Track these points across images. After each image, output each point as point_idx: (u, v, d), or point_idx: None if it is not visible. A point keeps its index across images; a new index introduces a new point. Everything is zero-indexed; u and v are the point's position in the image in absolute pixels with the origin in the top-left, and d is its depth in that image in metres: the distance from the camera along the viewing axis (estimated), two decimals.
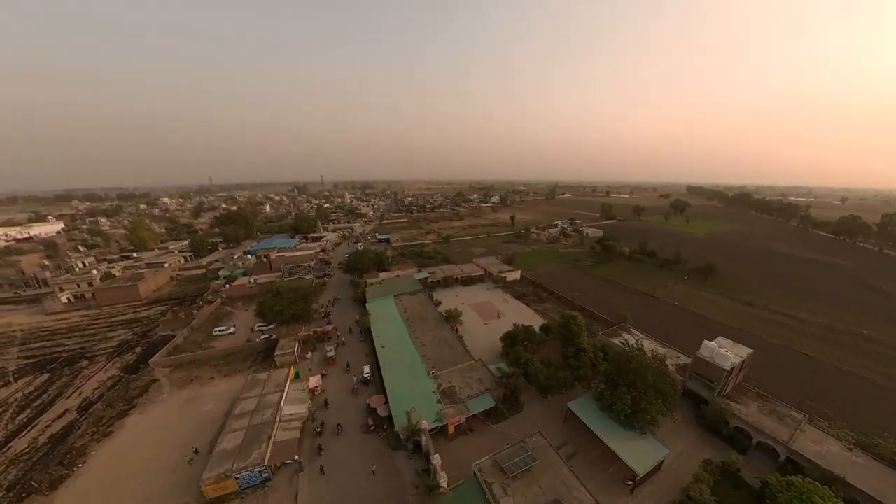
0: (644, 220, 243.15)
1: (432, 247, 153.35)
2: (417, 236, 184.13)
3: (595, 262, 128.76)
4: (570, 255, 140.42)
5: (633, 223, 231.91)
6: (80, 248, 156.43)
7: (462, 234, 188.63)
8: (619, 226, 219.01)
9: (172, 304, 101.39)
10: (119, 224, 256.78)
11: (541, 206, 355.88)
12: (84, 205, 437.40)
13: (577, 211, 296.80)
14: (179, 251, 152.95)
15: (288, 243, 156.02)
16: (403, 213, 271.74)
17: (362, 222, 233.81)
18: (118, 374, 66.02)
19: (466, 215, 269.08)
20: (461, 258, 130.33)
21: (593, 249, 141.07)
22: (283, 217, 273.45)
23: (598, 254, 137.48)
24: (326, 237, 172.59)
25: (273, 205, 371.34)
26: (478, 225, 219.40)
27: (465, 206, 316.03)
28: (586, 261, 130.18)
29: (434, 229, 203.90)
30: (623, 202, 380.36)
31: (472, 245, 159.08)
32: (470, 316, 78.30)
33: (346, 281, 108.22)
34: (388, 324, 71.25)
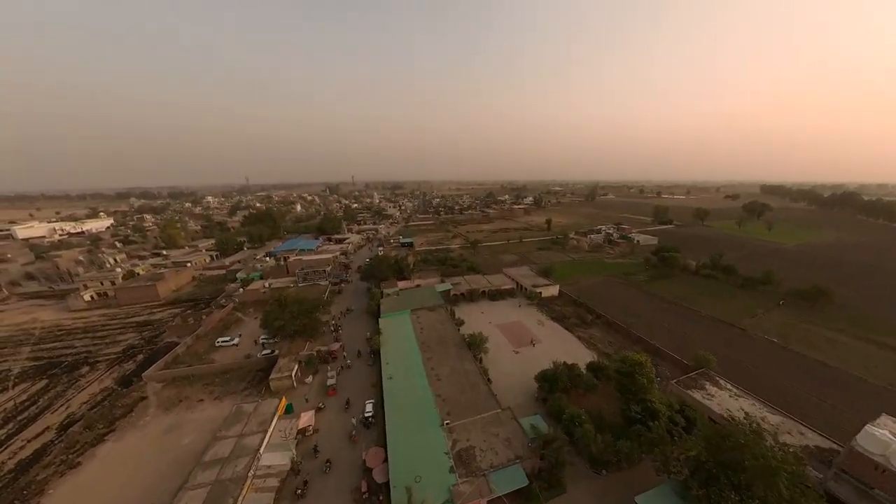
0: (709, 227, 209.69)
1: (458, 252, 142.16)
2: (443, 240, 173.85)
3: (651, 276, 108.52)
4: (618, 267, 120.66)
5: (696, 229, 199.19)
6: (117, 245, 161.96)
7: (491, 238, 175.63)
8: (677, 232, 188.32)
9: (188, 306, 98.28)
10: (163, 221, 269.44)
11: (580, 208, 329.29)
12: (139, 202, 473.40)
13: (622, 214, 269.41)
14: (207, 250, 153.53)
15: (311, 245, 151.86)
16: (430, 215, 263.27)
17: (388, 224, 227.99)
18: (112, 385, 61.07)
19: (496, 218, 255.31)
20: (489, 267, 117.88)
21: (648, 261, 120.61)
22: (312, 217, 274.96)
23: (655, 266, 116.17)
24: (349, 239, 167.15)
25: (304, 205, 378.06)
26: (509, 229, 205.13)
27: (496, 207, 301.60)
28: (640, 275, 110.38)
29: (461, 233, 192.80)
30: (679, 204, 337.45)
31: (501, 251, 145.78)
32: (497, 340, 66.00)
33: (363, 289, 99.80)
34: (400, 346, 60.99)
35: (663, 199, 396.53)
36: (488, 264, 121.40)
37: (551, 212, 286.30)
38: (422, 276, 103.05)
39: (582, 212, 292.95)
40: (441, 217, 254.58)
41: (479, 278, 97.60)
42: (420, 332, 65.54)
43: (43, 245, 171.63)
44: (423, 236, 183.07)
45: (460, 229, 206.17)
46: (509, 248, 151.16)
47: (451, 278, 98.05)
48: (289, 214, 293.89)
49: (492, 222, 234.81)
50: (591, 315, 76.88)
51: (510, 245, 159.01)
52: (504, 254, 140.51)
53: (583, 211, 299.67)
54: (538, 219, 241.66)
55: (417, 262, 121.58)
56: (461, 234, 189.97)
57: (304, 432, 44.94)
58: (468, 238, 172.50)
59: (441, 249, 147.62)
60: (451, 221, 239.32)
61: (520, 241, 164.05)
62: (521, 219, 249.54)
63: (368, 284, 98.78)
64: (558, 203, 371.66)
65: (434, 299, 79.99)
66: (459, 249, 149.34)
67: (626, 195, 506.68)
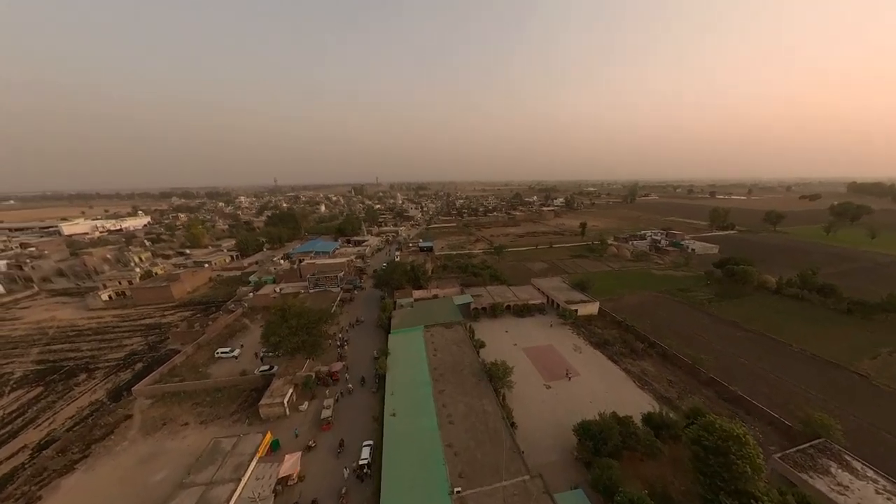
0: (783, 233, 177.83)
1: (481, 259, 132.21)
2: (465, 244, 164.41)
3: (716, 294, 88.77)
4: (671, 281, 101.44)
5: (767, 237, 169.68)
6: (146, 243, 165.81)
7: (518, 243, 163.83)
8: (742, 240, 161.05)
9: (199, 308, 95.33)
10: (188, 221, 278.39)
11: (617, 210, 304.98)
12: (179, 201, 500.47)
13: (669, 218, 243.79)
14: (228, 250, 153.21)
15: (329, 247, 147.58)
16: (453, 217, 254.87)
17: (409, 226, 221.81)
18: (102, 399, 56.82)
19: (524, 220, 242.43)
20: (516, 276, 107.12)
21: (710, 275, 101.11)
22: (334, 218, 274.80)
23: (719, 282, 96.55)
24: (368, 242, 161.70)
25: (329, 205, 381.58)
26: (537, 233, 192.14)
27: (523, 209, 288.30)
28: (700, 292, 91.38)
29: (485, 236, 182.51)
30: (741, 206, 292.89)
31: (529, 258, 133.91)
32: (524, 368, 55.65)
33: (376, 297, 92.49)
34: (408, 372, 52.43)
35: (719, 200, 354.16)
36: (514, 273, 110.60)
37: (585, 214, 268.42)
38: (440, 284, 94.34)
39: (620, 215, 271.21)
40: (464, 219, 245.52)
41: (503, 290, 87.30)
42: (433, 354, 56.62)
43: (82, 241, 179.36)
44: (443, 239, 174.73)
45: (484, 232, 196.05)
46: (538, 255, 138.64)
47: (472, 289, 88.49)
48: (313, 215, 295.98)
49: (518, 225, 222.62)
50: (643, 343, 62.29)
51: (539, 251, 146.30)
52: (532, 261, 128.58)
53: (621, 214, 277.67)
54: (570, 222, 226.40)
55: (436, 269, 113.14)
56: (485, 237, 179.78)
57: (287, 481, 37.19)
58: (492, 242, 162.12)
59: (462, 255, 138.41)
60: (474, 224, 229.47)
61: (550, 247, 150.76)
62: (550, 222, 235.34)
63: (382, 292, 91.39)
64: (592, 205, 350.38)
65: (451, 314, 70.89)
66: (482, 255, 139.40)
67: (670, 196, 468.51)
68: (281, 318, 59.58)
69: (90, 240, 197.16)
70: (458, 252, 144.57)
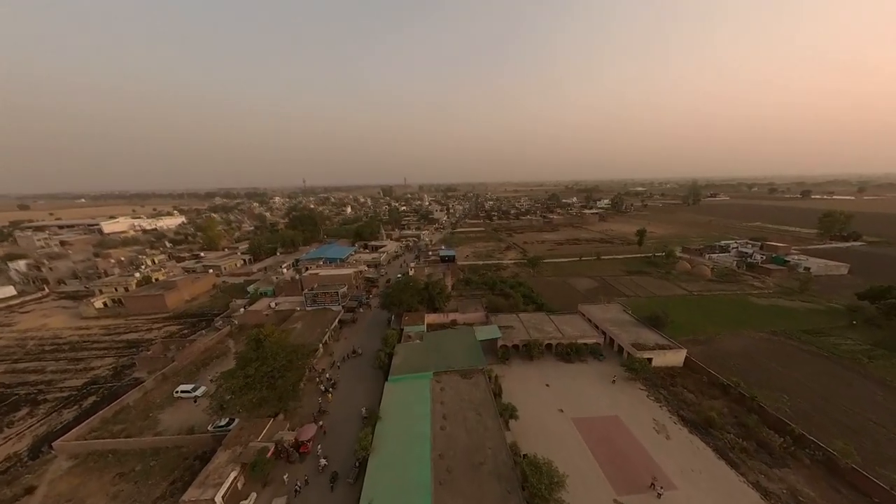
0: None
1: (512, 271, 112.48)
2: (494, 252, 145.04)
3: (874, 343, 59.36)
4: (785, 316, 71.49)
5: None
6: (167, 244, 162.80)
7: (557, 252, 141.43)
8: (881, 256, 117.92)
9: (190, 322, 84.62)
10: (204, 222, 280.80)
11: (678, 214, 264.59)
12: (221, 201, 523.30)
13: (753, 224, 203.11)
14: (242, 253, 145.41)
15: (343, 252, 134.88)
16: (481, 220, 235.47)
17: (433, 229, 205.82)
18: (21, 451, 44.88)
19: (563, 225, 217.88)
20: (556, 297, 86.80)
21: (856, 310, 69.77)
22: (358, 219, 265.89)
23: (873, 322, 66.41)
24: (385, 247, 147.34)
25: (356, 207, 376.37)
26: (580, 240, 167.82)
27: (561, 212, 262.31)
28: (844, 337, 61.85)
29: (517, 243, 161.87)
30: (855, 209, 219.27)
31: (572, 272, 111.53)
32: (578, 462, 36.05)
33: (383, 319, 76.55)
34: (401, 457, 35.17)
35: (819, 202, 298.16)
36: (555, 293, 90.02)
37: (637, 219, 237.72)
38: (460, 305, 76.61)
39: (684, 220, 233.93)
40: (493, 223, 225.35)
41: (542, 319, 67.47)
42: (440, 427, 38.89)
43: (111, 241, 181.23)
44: (469, 246, 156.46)
45: (516, 238, 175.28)
46: (583, 269, 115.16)
47: (501, 316, 69.59)
48: (338, 216, 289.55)
49: (556, 231, 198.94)
50: (779, 434, 38.22)
51: (584, 264, 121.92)
52: (577, 277, 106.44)
53: (685, 218, 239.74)
54: (620, 227, 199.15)
55: (457, 285, 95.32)
56: (517, 245, 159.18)
57: None
58: (526, 251, 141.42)
59: (490, 265, 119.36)
60: (504, 228, 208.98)
61: (597, 259, 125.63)
62: (594, 227, 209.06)
63: (389, 315, 75.12)
64: (645, 207, 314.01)
65: (471, 355, 52.76)
66: (514, 266, 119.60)
67: (746, 196, 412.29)
68: (256, 349, 44.39)
69: (123, 238, 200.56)
70: (485, 262, 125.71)
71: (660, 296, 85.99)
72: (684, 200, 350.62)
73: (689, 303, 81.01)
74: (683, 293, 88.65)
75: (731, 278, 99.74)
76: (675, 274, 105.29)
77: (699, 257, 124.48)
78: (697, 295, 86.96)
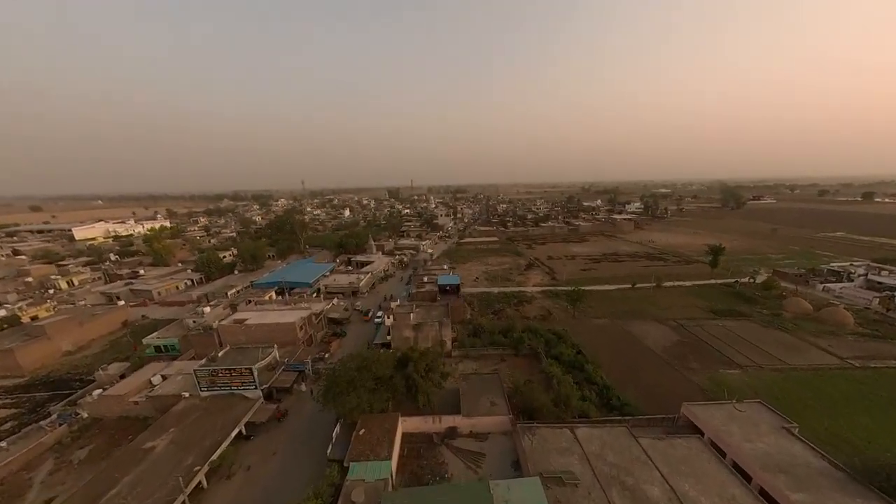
0: None
1: (540, 306, 78.35)
2: (511, 272, 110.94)
3: None
4: None
5: None
6: (111, 258, 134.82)
7: (596, 275, 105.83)
8: None
9: (37, 401, 54.10)
10: (205, 227, 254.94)
11: (725, 220, 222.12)
12: (228, 202, 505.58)
13: (834, 234, 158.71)
14: (193, 270, 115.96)
15: (313, 273, 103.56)
16: (493, 227, 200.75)
17: (435, 238, 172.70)
18: None
19: (592, 234, 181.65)
20: (618, 360, 52.71)
21: None
22: (355, 224, 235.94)
23: None
24: (373, 263, 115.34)
25: (357, 209, 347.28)
26: (620, 255, 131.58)
27: (586, 217, 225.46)
28: None
29: (540, 259, 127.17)
30: None
31: (629, 309, 75.74)
32: None
33: (327, 421, 43.78)
34: None
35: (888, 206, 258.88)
36: (614, 352, 55.46)
37: (679, 226, 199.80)
38: (468, 388, 43.27)
39: (736, 227, 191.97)
40: (508, 230, 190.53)
41: (624, 446, 33.26)
42: None
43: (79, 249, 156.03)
44: (479, 263, 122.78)
45: (537, 251, 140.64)
46: (642, 303, 79.27)
47: (541, 429, 35.99)
48: (333, 221, 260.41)
49: (585, 241, 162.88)
50: None
51: (639, 294, 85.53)
52: (638, 319, 70.62)
53: (735, 225, 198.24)
54: (664, 237, 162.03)
55: (462, 334, 61.89)
56: (540, 261, 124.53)
57: None
58: (554, 272, 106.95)
59: (508, 295, 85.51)
60: (522, 237, 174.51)
61: (657, 287, 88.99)
62: (630, 236, 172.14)
63: (338, 419, 42.12)
64: (681, 211, 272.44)
65: None
66: (541, 297, 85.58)
67: (792, 199, 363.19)
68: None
69: (90, 247, 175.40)
70: (501, 289, 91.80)
71: (798, 367, 50.39)
72: (723, 203, 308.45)
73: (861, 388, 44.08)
74: (835, 363, 51.36)
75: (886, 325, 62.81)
76: (789, 318, 68.91)
77: (804, 286, 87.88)
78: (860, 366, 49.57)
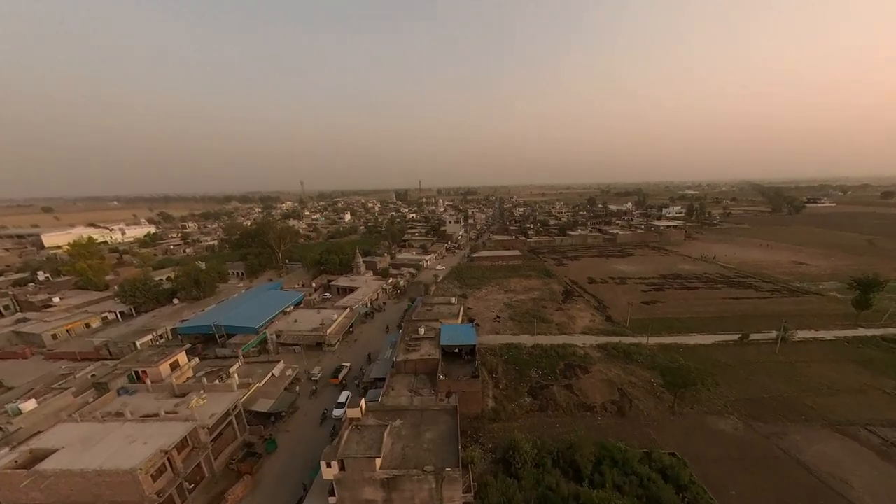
0: None
1: (600, 377, 47.76)
2: (543, 303, 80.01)
3: None
4: None
5: None
6: (40, 276, 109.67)
7: (660, 306, 74.78)
8: None
9: None
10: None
11: (790, 228, 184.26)
12: (236, 204, 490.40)
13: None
14: (120, 299, 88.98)
15: (280, 302, 75.30)
16: (512, 236, 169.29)
17: (443, 249, 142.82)
18: None
19: (634, 245, 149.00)
20: None
21: None
22: (352, 230, 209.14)
23: None
24: (361, 289, 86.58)
25: (360, 213, 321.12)
26: (684, 276, 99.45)
27: (621, 223, 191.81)
28: None
29: (578, 282, 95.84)
30: None
31: (748, 380, 45.43)
32: None
33: None
34: None
35: None
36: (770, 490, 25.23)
37: (741, 235, 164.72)
38: None
39: (814, 238, 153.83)
40: (530, 240, 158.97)
41: None
42: None
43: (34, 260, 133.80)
44: (499, 286, 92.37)
45: (571, 269, 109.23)
46: (764, 370, 48.39)
47: None
48: (331, 227, 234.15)
49: (629, 256, 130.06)
50: None
51: (757, 354, 54.35)
52: (784, 413, 39.92)
53: (810, 235, 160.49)
54: (728, 250, 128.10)
55: (483, 465, 31.87)
56: (580, 287, 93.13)
57: None
58: (604, 305, 75.76)
59: (546, 352, 55.14)
60: (547, 249, 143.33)
61: (783, 341, 56.24)
62: (683, 248, 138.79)
63: None
64: (727, 216, 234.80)
65: None
66: (598, 353, 54.89)
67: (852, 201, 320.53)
68: None
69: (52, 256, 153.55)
70: (537, 339, 61.11)
71: None
72: (774, 207, 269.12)
73: None
74: None
75: None
76: None
77: None
78: None
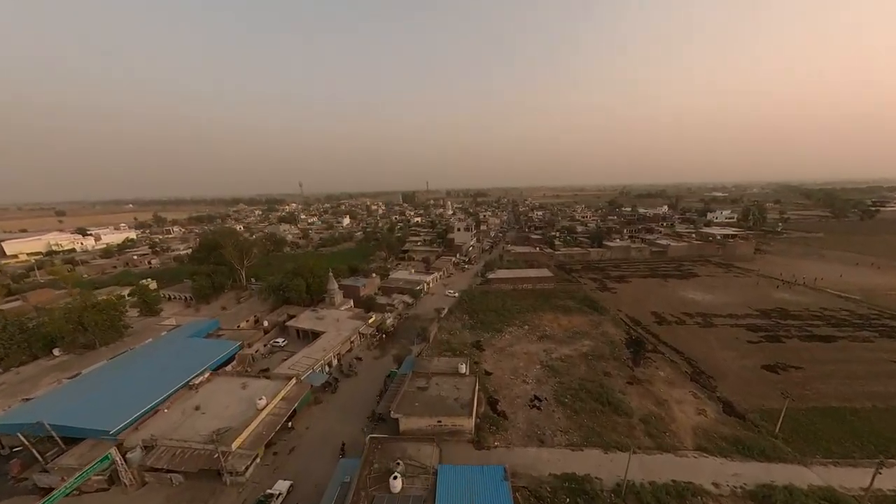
0: None
1: None
2: (599, 365, 51.72)
3: None
4: None
5: None
6: None
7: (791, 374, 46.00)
8: None
9: None
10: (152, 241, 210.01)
11: (879, 237, 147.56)
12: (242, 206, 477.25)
13: None
14: None
15: (206, 357, 49.03)
16: (535, 247, 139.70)
17: (451, 265, 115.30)
18: None
19: (689, 259, 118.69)
20: None
21: None
22: (348, 237, 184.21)
23: None
24: (327, 334, 59.94)
25: (361, 216, 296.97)
26: (792, 317, 68.78)
27: (666, 231, 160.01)
28: None
29: (642, 321, 67.05)
30: None
31: None
32: None
33: None
34: None
35: None
36: None
37: (821, 248, 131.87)
38: None
39: None
40: (557, 252, 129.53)
41: None
42: None
43: None
44: (528, 329, 63.94)
45: (623, 297, 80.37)
46: None
47: None
48: (325, 233, 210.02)
49: (694, 276, 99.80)
50: None
51: None
52: None
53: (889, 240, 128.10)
54: (819, 269, 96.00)
55: None
56: (649, 330, 64.37)
57: None
58: (700, 371, 47.13)
59: (637, 501, 27.50)
60: (581, 265, 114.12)
61: None
62: (758, 265, 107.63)
63: None
64: (784, 221, 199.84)
65: None
66: None
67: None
68: None
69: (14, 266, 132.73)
70: (614, 470, 33.26)
71: None
72: (836, 213, 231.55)
73: None
74: None
75: None
76: None
77: None
78: None
